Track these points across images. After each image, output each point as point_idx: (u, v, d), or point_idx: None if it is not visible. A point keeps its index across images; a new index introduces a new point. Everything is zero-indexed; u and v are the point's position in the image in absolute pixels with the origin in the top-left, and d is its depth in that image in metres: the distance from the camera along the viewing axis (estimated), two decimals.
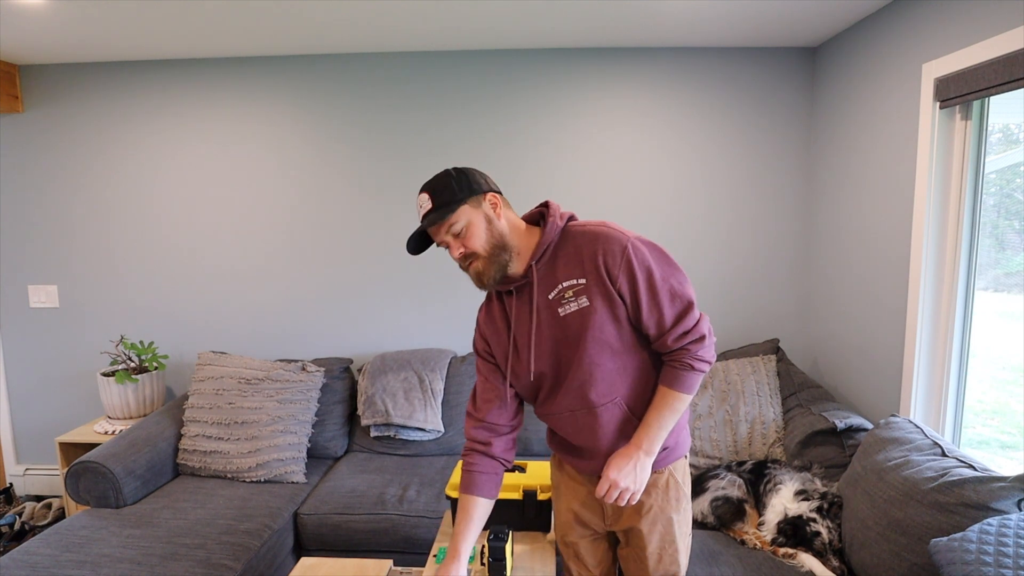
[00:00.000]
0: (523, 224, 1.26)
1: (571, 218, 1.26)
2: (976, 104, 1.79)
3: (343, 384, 2.63)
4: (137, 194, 2.80)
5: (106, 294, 2.86)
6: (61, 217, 2.82)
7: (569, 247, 1.20)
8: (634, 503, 1.22)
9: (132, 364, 2.65)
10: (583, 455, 1.31)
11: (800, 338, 2.77)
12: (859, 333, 2.33)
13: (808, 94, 2.64)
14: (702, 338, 1.17)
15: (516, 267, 1.22)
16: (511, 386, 1.30)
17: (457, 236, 1.18)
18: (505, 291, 1.27)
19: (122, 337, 2.71)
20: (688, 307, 1.17)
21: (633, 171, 2.69)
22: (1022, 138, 1.82)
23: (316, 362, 2.64)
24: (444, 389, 2.57)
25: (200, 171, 2.78)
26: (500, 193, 1.24)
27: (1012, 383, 1.81)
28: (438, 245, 1.22)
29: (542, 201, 1.28)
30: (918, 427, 1.71)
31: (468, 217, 1.17)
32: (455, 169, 1.20)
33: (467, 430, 1.34)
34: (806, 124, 2.66)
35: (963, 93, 1.74)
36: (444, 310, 2.83)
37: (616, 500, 1.19)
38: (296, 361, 2.59)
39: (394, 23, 2.30)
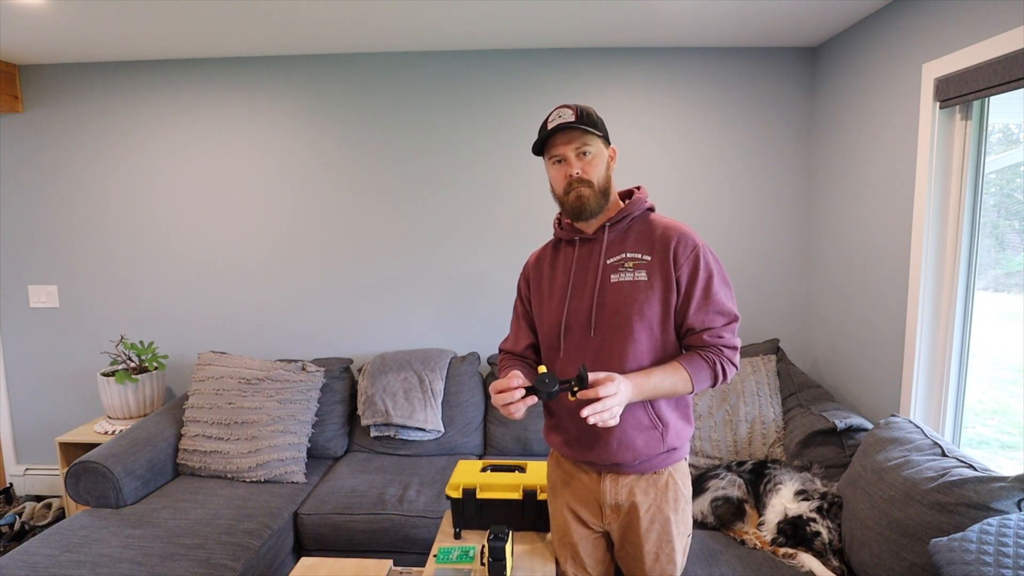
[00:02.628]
0: (616, 191, 1.36)
1: (653, 209, 1.36)
2: (976, 104, 1.79)
3: (343, 384, 2.63)
4: (137, 194, 2.80)
5: (106, 294, 2.86)
6: (61, 217, 2.82)
7: (644, 227, 1.30)
8: (609, 424, 1.12)
9: (132, 364, 2.65)
10: (580, 438, 1.30)
11: (800, 338, 2.77)
12: (859, 333, 2.33)
13: (808, 94, 2.64)
14: (735, 349, 1.27)
15: (598, 219, 1.31)
16: (534, 333, 1.42)
17: (581, 158, 1.25)
18: (568, 239, 1.36)
19: (122, 337, 2.70)
20: (734, 319, 1.27)
21: (633, 171, 2.68)
22: (1022, 138, 1.82)
23: (316, 362, 2.64)
24: (444, 389, 2.57)
25: (200, 171, 2.78)
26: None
27: (1012, 383, 1.81)
28: (550, 158, 1.28)
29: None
30: (918, 427, 1.71)
31: (599, 149, 1.27)
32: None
33: (501, 355, 1.48)
34: (806, 124, 2.66)
35: (963, 93, 1.74)
36: (444, 310, 2.83)
37: (594, 417, 1.10)
38: (296, 361, 2.59)
39: (394, 23, 2.30)
